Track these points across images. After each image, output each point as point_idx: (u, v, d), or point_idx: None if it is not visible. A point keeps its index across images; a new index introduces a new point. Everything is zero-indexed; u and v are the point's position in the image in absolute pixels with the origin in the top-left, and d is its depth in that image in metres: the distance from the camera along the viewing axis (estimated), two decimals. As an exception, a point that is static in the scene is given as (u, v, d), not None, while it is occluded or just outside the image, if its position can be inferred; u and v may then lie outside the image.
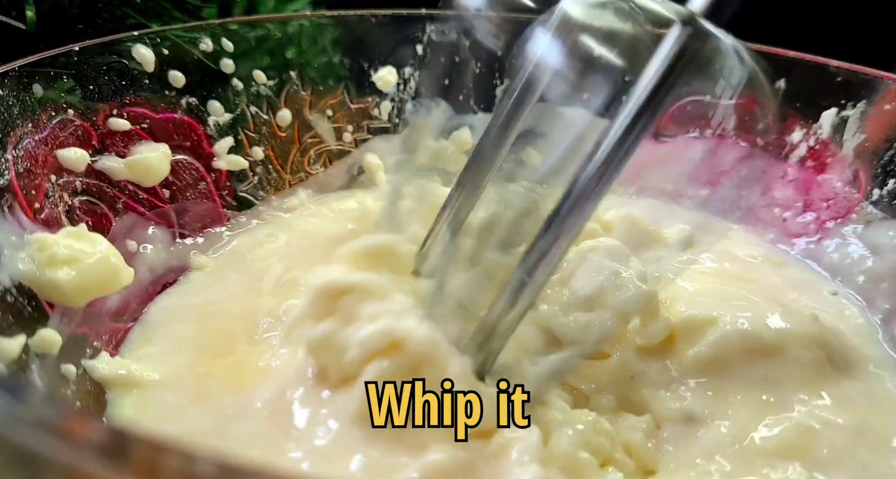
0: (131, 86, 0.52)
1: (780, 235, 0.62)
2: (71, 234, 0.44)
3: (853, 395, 0.42)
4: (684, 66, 0.32)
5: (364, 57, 0.67)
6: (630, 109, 0.33)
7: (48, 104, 0.45)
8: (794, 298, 0.51)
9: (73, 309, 0.43)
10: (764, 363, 0.42)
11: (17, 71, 0.43)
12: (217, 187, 0.59)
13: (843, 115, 0.58)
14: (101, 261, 0.44)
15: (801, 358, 0.42)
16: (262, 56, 0.61)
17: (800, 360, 0.42)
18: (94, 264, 0.43)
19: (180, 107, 0.56)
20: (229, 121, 0.59)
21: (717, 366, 0.42)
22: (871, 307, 0.53)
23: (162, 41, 0.54)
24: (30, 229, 0.42)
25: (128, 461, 0.20)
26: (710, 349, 0.42)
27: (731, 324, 0.43)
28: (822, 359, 0.43)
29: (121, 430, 0.20)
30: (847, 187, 0.58)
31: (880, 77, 0.57)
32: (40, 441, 0.21)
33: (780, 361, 0.42)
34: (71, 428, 0.21)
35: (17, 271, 0.39)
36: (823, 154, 0.60)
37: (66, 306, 0.42)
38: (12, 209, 0.41)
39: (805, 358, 0.43)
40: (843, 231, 0.58)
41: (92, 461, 0.20)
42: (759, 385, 0.42)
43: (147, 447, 0.20)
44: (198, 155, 0.58)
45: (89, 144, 0.49)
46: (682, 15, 0.32)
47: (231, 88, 0.59)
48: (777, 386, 0.42)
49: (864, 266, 0.55)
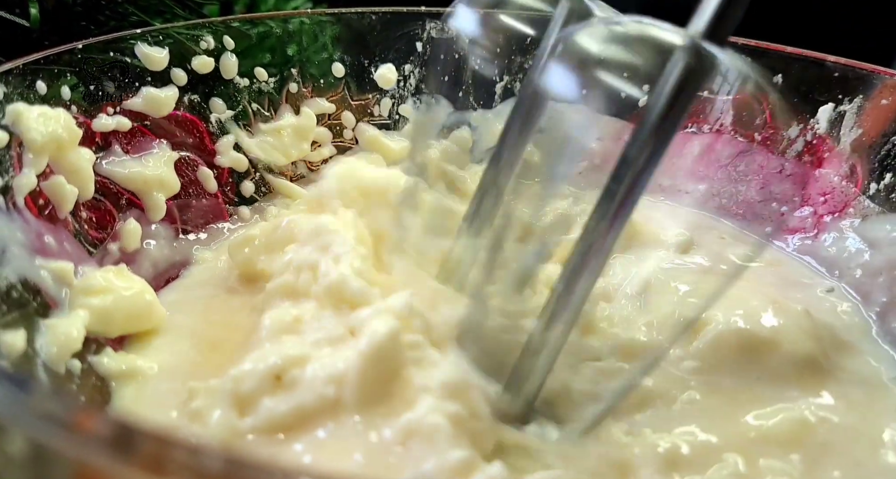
0: (134, 83, 0.53)
1: (777, 230, 0.62)
2: (112, 271, 0.47)
3: (847, 390, 0.43)
4: (689, 95, 0.32)
5: (364, 54, 0.67)
6: (643, 137, 0.32)
7: (52, 101, 0.46)
8: (789, 296, 0.51)
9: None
10: (758, 360, 0.43)
11: (20, 68, 0.44)
12: (219, 183, 0.60)
13: (841, 110, 0.59)
14: (136, 296, 0.46)
15: (794, 353, 0.43)
16: (264, 53, 0.62)
17: (794, 355, 0.43)
18: (129, 297, 0.45)
19: (182, 104, 0.56)
20: (231, 118, 0.60)
21: (712, 365, 0.43)
22: (867, 302, 0.53)
23: (164, 39, 0.54)
24: (34, 226, 0.42)
25: (135, 455, 0.20)
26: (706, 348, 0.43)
27: (723, 323, 0.44)
28: (815, 354, 0.44)
29: (128, 423, 0.21)
30: (844, 182, 0.58)
31: (877, 72, 0.57)
32: (48, 435, 0.21)
33: (774, 357, 0.43)
34: (79, 422, 0.21)
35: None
36: (820, 149, 0.60)
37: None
38: (17, 206, 0.41)
39: (799, 353, 0.43)
40: (840, 225, 0.58)
41: (99, 454, 0.21)
42: (753, 382, 0.42)
43: (154, 440, 0.21)
44: (200, 151, 0.58)
45: (92, 141, 0.50)
46: (685, 40, 0.32)
47: (233, 85, 0.59)
48: (772, 382, 0.42)
49: (861, 260, 0.55)
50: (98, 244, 0.49)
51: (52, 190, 0.45)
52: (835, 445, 0.39)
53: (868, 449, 0.39)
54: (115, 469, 0.21)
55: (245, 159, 0.61)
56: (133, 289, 0.46)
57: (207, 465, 0.20)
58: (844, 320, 0.51)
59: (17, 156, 0.42)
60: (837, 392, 0.43)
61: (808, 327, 0.45)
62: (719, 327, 0.44)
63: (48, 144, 0.44)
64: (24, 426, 0.22)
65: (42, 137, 0.43)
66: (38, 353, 0.38)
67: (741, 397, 0.42)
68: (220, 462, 0.20)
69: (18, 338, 0.36)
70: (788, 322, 0.44)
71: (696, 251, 0.57)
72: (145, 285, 0.48)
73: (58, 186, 0.45)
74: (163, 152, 0.55)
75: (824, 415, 0.40)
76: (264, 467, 0.20)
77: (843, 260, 0.57)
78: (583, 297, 0.35)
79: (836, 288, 0.55)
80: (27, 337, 0.37)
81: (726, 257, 0.57)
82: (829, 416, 0.40)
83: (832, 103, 0.59)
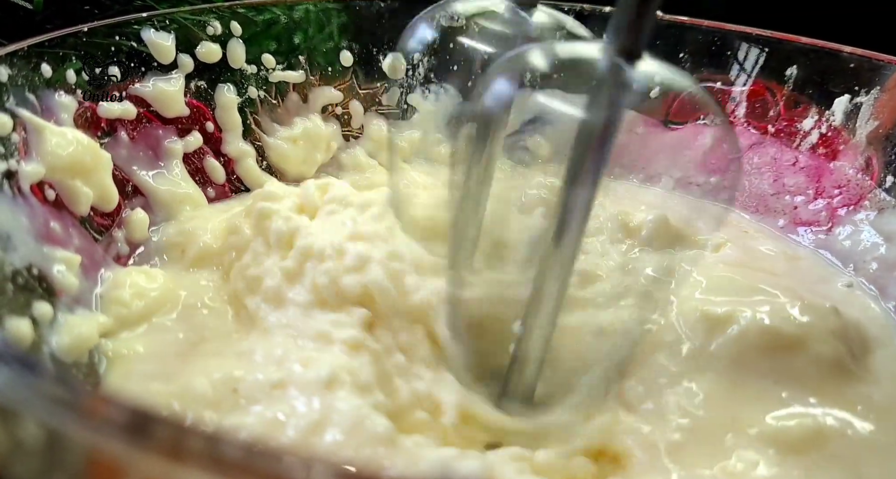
0: (140, 68, 0.52)
1: (791, 223, 0.61)
2: (143, 274, 0.47)
3: (873, 396, 0.41)
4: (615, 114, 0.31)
5: (372, 43, 0.66)
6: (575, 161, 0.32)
7: (56, 85, 0.45)
8: (810, 289, 0.50)
9: (82, 295, 0.43)
10: (783, 359, 0.41)
11: (25, 51, 0.43)
12: (226, 171, 0.59)
13: (857, 101, 0.58)
14: (162, 296, 0.46)
15: (821, 354, 0.41)
16: (270, 41, 0.61)
17: (821, 356, 0.41)
18: (155, 298, 0.45)
19: (189, 90, 0.55)
20: (238, 105, 0.59)
21: (734, 361, 0.41)
22: (883, 295, 0.53)
23: (170, 23, 0.53)
24: (40, 212, 0.42)
25: (152, 440, 0.20)
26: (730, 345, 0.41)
27: (750, 319, 0.42)
28: (842, 355, 0.42)
29: (144, 410, 0.20)
30: (859, 174, 0.58)
31: (894, 63, 0.56)
32: (62, 420, 0.21)
33: (800, 356, 0.41)
34: (94, 406, 0.20)
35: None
36: (836, 141, 0.59)
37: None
38: (22, 191, 0.41)
39: (826, 354, 0.41)
40: (855, 218, 0.57)
41: (115, 439, 0.20)
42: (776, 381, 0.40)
43: (171, 426, 0.20)
44: (206, 139, 0.57)
45: (98, 126, 0.49)
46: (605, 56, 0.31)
47: (240, 73, 0.59)
48: (792, 383, 0.40)
49: (877, 253, 0.54)
50: (104, 231, 0.48)
51: (66, 190, 0.44)
52: (845, 457, 0.37)
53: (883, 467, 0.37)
54: (131, 455, 0.20)
55: (252, 149, 0.60)
56: (159, 291, 0.46)
57: (225, 452, 0.19)
58: (867, 316, 0.50)
59: (21, 140, 0.41)
60: (860, 398, 0.40)
61: (837, 326, 0.43)
62: (745, 323, 0.42)
63: (70, 166, 0.44)
64: (37, 410, 0.21)
65: (62, 162, 0.43)
66: (44, 338, 0.37)
67: (759, 396, 0.40)
68: (238, 450, 0.19)
69: (24, 323, 0.35)
70: (816, 320, 0.42)
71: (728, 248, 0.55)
72: (171, 283, 0.47)
73: (73, 188, 0.45)
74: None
75: (841, 426, 0.39)
76: (282, 455, 0.19)
77: (859, 254, 0.56)
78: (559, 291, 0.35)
79: (854, 283, 0.54)
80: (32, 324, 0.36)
81: (746, 247, 0.56)
82: (845, 427, 0.39)
83: (848, 95, 0.58)
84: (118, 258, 0.48)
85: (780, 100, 0.62)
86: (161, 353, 0.42)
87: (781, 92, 0.62)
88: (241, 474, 0.19)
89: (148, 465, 0.20)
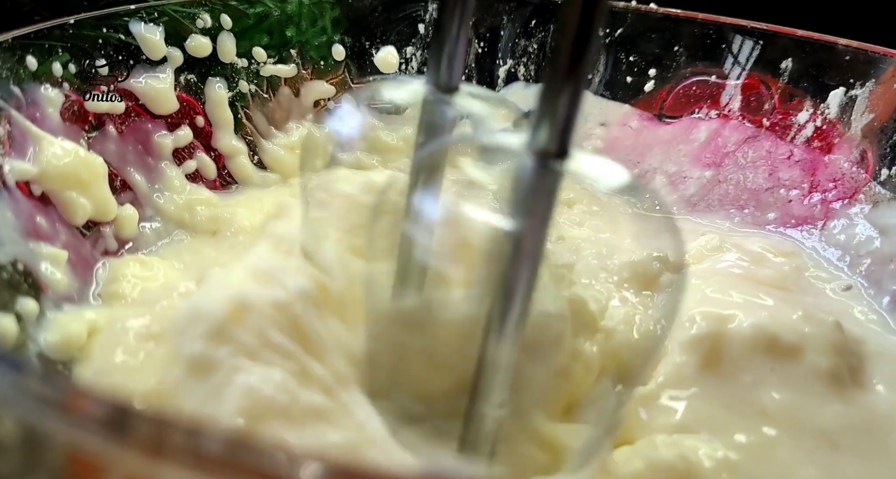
0: (129, 61, 0.51)
1: (785, 217, 0.61)
2: (140, 263, 0.47)
3: (864, 415, 0.39)
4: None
5: (365, 36, 0.66)
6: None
7: (43, 78, 0.44)
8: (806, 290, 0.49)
9: (67, 292, 0.42)
10: (775, 363, 0.39)
11: (10, 42, 0.42)
12: (216, 166, 0.58)
13: (852, 94, 0.57)
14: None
15: (819, 365, 0.39)
16: (262, 35, 0.60)
17: (817, 367, 0.39)
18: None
19: (178, 84, 0.55)
20: (229, 99, 0.58)
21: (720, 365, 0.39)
22: (878, 290, 0.52)
23: (159, 16, 0.52)
24: (25, 207, 0.41)
25: (131, 436, 0.19)
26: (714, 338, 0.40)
27: (746, 322, 0.41)
28: (841, 370, 0.40)
29: (124, 405, 0.20)
30: (854, 168, 0.57)
31: (890, 55, 0.56)
32: (41, 417, 0.20)
33: (795, 364, 0.39)
34: (73, 402, 0.20)
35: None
36: (830, 134, 0.59)
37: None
38: (7, 185, 0.40)
39: (823, 366, 0.39)
40: (849, 212, 0.57)
41: (94, 436, 0.20)
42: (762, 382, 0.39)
43: (152, 422, 0.19)
44: (196, 133, 0.57)
45: (85, 120, 0.48)
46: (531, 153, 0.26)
47: (230, 66, 0.58)
48: (784, 387, 0.39)
49: (872, 247, 0.54)
50: (92, 226, 0.47)
51: (62, 202, 0.44)
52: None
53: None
54: (111, 452, 0.20)
55: (241, 143, 0.60)
56: (158, 281, 0.46)
57: (207, 448, 0.19)
58: (867, 319, 0.49)
59: (6, 133, 0.41)
60: (851, 415, 0.39)
61: (838, 340, 0.41)
62: (743, 327, 0.40)
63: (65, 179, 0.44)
64: (15, 407, 0.21)
65: (57, 172, 0.43)
66: (28, 334, 0.37)
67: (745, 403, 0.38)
68: (221, 445, 0.19)
69: (9, 320, 0.35)
70: (816, 331, 0.41)
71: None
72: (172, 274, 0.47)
73: (69, 199, 0.44)
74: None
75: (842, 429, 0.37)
76: (266, 450, 0.19)
77: (853, 247, 0.56)
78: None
79: (851, 281, 0.53)
80: (17, 320, 0.36)
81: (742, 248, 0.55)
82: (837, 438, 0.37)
83: (843, 87, 0.58)
84: (106, 253, 0.48)
85: (774, 93, 0.62)
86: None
87: (776, 85, 0.62)
88: (224, 469, 0.19)
89: (129, 461, 0.20)
